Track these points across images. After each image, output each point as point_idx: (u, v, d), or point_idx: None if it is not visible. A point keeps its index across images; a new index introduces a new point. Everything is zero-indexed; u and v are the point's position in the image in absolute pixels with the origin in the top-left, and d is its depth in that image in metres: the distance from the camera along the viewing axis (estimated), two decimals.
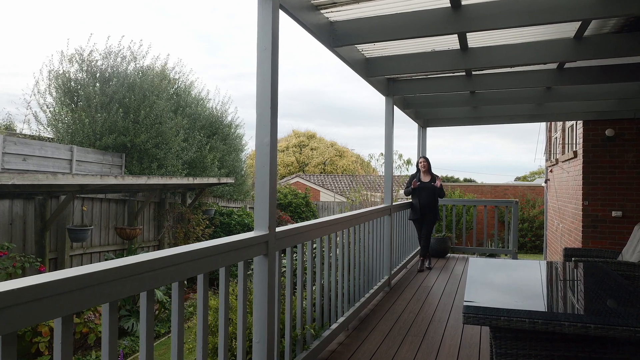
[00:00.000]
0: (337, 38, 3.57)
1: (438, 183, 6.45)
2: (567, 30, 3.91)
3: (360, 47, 4.33)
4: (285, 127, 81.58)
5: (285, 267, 3.46)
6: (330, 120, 73.75)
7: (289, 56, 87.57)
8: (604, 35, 4.00)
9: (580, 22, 3.63)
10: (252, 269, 2.53)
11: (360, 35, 3.55)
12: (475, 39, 4.12)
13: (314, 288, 3.50)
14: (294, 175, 28.29)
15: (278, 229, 2.63)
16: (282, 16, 2.86)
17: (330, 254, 3.65)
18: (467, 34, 3.93)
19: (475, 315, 1.93)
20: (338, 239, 3.81)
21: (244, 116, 75.01)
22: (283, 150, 34.79)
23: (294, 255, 3.01)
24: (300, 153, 34.70)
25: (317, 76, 79.71)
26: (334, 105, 73.63)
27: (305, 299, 3.29)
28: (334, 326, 3.61)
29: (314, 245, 3.46)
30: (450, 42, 4.18)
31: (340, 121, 73.99)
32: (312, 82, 77.40)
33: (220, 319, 2.18)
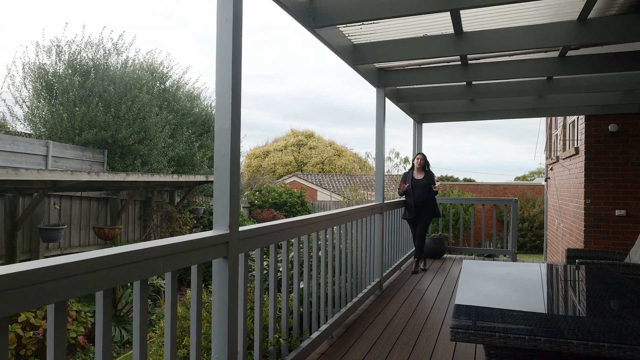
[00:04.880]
0: (317, 18, 3.24)
1: (437, 187, 6.12)
2: (570, 11, 3.59)
3: (345, 31, 4.00)
4: (285, 127, 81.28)
5: (266, 270, 3.17)
6: (331, 121, 73.39)
7: (290, 57, 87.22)
8: (609, 17, 3.68)
9: (585, 1, 3.31)
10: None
11: (342, 14, 3.22)
12: (471, 22, 3.79)
13: (290, 293, 3.17)
14: (290, 175, 27.98)
15: (243, 228, 2.31)
16: None
17: (311, 255, 3.32)
18: (462, 15, 3.61)
19: (466, 331, 1.60)
20: (321, 239, 3.49)
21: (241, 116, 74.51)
22: (281, 150, 34.46)
23: (266, 257, 2.69)
24: (299, 152, 34.38)
25: (319, 78, 79.27)
26: (335, 107, 73.29)
27: (280, 304, 2.96)
28: (314, 335, 3.28)
29: (291, 246, 3.14)
30: (443, 25, 3.86)
31: (341, 122, 73.67)
32: (314, 83, 76.97)
33: (166, 333, 1.86)
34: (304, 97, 75.07)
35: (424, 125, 7.81)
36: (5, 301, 1.17)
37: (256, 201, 16.48)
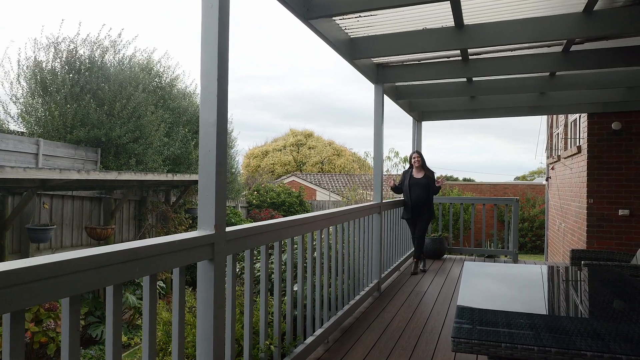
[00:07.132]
0: (312, 8, 3.10)
1: (441, 182, 6.03)
2: (575, 2, 3.45)
3: (342, 24, 3.86)
4: (284, 127, 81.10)
5: (258, 272, 3.03)
6: (330, 121, 73.17)
7: (289, 57, 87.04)
8: (616, 9, 3.54)
9: None
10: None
11: (339, 4, 3.09)
12: (472, 14, 3.66)
13: (284, 297, 3.03)
14: (289, 175, 27.85)
15: (231, 228, 2.17)
16: None
17: (306, 256, 3.19)
18: (463, 7, 3.47)
19: (468, 341, 1.46)
20: (316, 239, 3.35)
21: (239, 117, 74.48)
22: (280, 150, 34.33)
23: (256, 259, 2.55)
24: (298, 152, 34.25)
25: (318, 78, 78.99)
26: (334, 107, 73.08)
27: (272, 309, 2.82)
28: (309, 340, 3.14)
29: (284, 248, 3.00)
30: (443, 18, 3.72)
31: (340, 122, 73.46)
32: (313, 83, 76.73)
33: (144, 340, 1.72)
34: (303, 97, 74.89)
35: (424, 123, 7.68)
36: None
37: (254, 201, 16.34)
